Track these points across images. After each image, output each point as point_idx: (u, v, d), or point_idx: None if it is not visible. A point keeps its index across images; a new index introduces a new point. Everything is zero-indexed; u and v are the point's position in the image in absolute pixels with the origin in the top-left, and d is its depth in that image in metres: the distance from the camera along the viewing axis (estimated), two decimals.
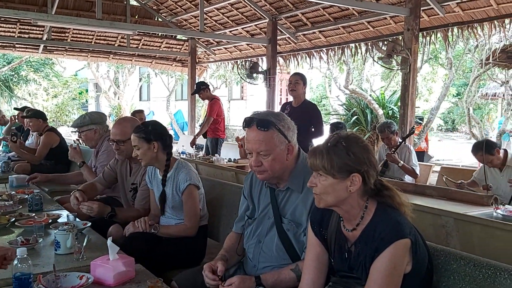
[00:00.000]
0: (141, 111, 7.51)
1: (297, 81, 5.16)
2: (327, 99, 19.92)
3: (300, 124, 5.19)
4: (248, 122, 1.98)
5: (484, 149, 4.11)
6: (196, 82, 8.06)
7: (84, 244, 2.16)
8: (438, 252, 1.83)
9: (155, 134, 2.69)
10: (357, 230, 1.67)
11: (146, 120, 6.21)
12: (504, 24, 6.16)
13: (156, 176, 2.84)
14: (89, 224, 2.63)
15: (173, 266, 2.59)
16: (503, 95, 16.46)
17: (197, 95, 7.84)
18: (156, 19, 10.80)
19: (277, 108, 8.91)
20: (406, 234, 1.56)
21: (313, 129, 5.08)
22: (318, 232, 1.79)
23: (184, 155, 6.76)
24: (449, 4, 6.30)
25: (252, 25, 9.58)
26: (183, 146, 7.42)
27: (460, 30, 6.64)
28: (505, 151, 4.28)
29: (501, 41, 8.32)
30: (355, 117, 11.67)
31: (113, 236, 2.63)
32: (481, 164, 4.35)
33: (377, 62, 6.29)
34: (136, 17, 10.39)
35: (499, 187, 4.17)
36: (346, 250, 1.71)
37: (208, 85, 7.56)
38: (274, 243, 2.03)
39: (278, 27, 8.83)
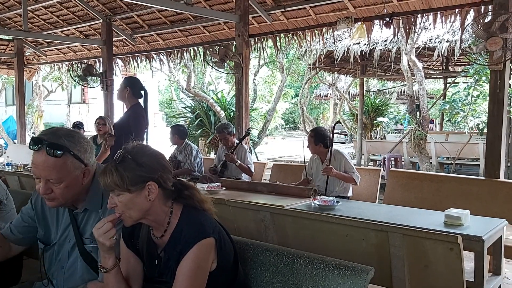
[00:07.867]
0: None
1: (119, 86, 4.91)
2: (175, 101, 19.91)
3: (123, 129, 5.02)
4: (35, 143, 1.70)
5: (315, 137, 4.50)
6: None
7: None
8: (247, 246, 1.96)
9: None
10: (166, 236, 1.69)
11: None
12: (322, 32, 6.83)
13: None
14: None
15: None
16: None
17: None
18: None
19: (118, 112, 8.59)
20: (209, 233, 1.62)
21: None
22: (129, 243, 1.77)
23: (10, 167, 6.11)
24: (275, 13, 6.75)
25: (85, 26, 9.06)
26: (8, 157, 6.69)
27: (286, 37, 7.17)
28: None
29: (325, 47, 9.25)
30: (199, 119, 11.84)
31: None
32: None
33: (212, 67, 6.46)
34: None
35: (321, 178, 4.57)
36: (156, 256, 1.72)
37: None
38: (78, 266, 1.89)
39: (113, 28, 8.50)
